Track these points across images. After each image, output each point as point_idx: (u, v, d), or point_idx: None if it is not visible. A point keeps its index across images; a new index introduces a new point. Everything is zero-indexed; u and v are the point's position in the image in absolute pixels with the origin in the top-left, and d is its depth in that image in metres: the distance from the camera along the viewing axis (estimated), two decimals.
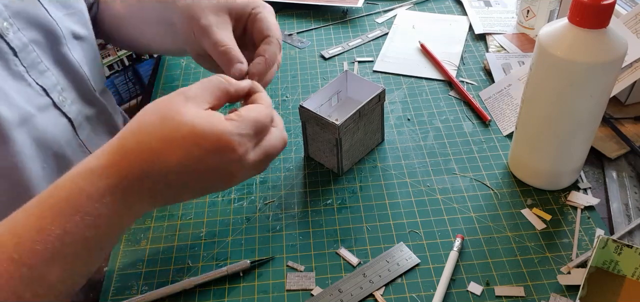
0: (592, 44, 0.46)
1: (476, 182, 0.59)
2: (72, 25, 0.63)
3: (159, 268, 0.52)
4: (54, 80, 0.58)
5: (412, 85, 0.74)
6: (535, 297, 0.48)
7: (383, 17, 0.89)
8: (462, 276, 0.50)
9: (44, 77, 0.57)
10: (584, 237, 0.52)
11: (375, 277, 0.50)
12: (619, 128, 0.63)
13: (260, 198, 0.59)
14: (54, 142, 0.56)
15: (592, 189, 0.57)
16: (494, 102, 0.69)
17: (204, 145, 0.42)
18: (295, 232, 0.55)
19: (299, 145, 0.65)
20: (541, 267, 0.50)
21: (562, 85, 0.49)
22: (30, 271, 0.38)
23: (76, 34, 0.64)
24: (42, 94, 0.56)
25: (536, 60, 0.50)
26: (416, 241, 0.53)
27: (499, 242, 0.52)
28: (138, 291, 0.50)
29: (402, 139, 0.65)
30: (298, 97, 0.73)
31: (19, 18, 0.55)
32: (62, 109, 0.58)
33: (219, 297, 0.50)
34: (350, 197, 0.58)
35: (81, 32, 0.65)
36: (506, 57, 0.76)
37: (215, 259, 0.53)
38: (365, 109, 0.58)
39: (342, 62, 0.79)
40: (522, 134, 0.56)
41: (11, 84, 0.53)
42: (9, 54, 0.53)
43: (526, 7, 0.80)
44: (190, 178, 0.43)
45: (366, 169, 0.61)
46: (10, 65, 0.53)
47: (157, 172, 0.42)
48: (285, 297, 0.49)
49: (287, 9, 0.93)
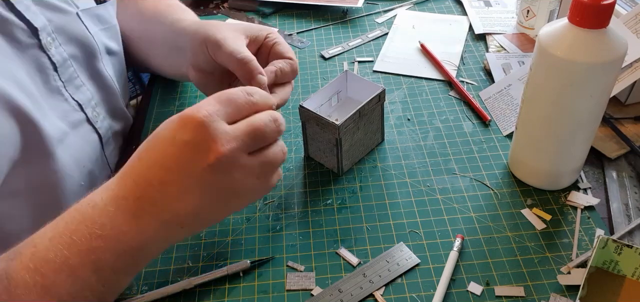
0: (592, 44, 0.46)
1: (476, 182, 0.59)
2: (106, 41, 0.64)
3: (159, 268, 0.52)
4: (89, 95, 0.59)
5: (412, 85, 0.74)
6: (535, 297, 0.48)
7: (383, 17, 0.89)
8: (462, 276, 0.50)
9: (79, 92, 0.57)
10: (584, 237, 0.52)
11: (375, 277, 0.50)
12: (619, 128, 0.63)
13: (260, 198, 0.59)
14: (87, 159, 0.57)
15: (592, 189, 0.57)
16: (494, 102, 0.69)
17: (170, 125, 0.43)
18: (295, 232, 0.55)
19: (299, 146, 0.65)
20: (541, 267, 0.50)
21: (562, 85, 0.49)
22: (42, 278, 0.39)
23: (109, 49, 0.65)
24: (77, 109, 0.57)
25: (536, 60, 0.50)
26: (416, 241, 0.53)
27: (499, 242, 0.52)
28: (138, 291, 0.50)
29: (402, 139, 0.65)
30: (298, 97, 0.73)
31: (61, 33, 0.55)
32: (94, 124, 0.59)
33: (219, 297, 0.50)
34: (350, 197, 0.58)
35: (114, 47, 0.66)
36: (506, 57, 0.76)
37: (215, 259, 0.53)
38: (365, 109, 0.58)
39: (342, 62, 0.79)
40: (522, 134, 0.56)
41: (49, 99, 0.53)
42: (49, 69, 0.53)
43: (526, 7, 0.80)
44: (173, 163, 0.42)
45: (366, 169, 0.61)
46: (49, 80, 0.53)
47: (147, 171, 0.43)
48: (285, 297, 0.49)
49: (287, 9, 0.93)
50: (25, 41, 0.51)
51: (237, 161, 0.43)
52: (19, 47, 0.51)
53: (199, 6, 0.96)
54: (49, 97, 0.53)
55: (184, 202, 0.43)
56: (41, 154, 0.50)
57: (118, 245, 0.41)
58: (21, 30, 0.51)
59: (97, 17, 0.62)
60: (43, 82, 0.53)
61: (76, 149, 0.56)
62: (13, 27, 0.50)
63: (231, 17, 0.92)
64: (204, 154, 0.42)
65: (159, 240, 0.44)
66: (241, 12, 0.93)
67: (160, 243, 0.44)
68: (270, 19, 0.91)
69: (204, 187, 0.43)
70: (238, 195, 0.45)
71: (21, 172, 0.48)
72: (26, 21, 0.51)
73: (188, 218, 0.44)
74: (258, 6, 0.93)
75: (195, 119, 0.42)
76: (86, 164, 0.57)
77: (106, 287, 0.42)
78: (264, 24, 0.89)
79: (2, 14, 0.49)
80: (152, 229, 0.42)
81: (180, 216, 0.43)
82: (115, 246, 0.41)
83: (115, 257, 0.41)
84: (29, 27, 0.52)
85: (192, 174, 0.42)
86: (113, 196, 0.42)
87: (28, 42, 0.52)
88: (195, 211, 0.44)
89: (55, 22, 0.55)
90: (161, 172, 0.42)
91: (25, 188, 0.49)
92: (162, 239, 0.44)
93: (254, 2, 0.94)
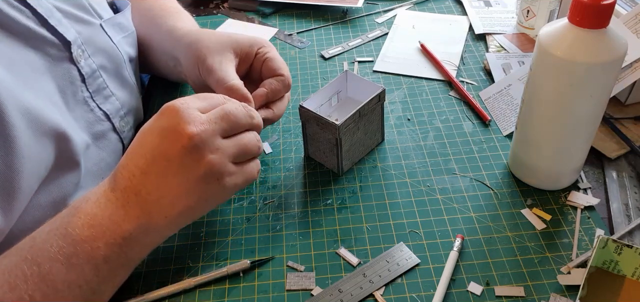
0: (592, 44, 0.46)
1: (476, 182, 0.59)
2: (128, 48, 0.64)
3: (159, 268, 0.52)
4: (118, 105, 0.59)
5: (412, 85, 0.74)
6: (535, 297, 0.48)
7: (383, 17, 0.89)
8: (462, 276, 0.50)
9: (108, 102, 0.58)
10: (584, 237, 0.52)
11: (375, 277, 0.50)
12: (619, 128, 0.63)
13: (260, 198, 0.59)
14: (108, 168, 0.57)
15: (592, 189, 0.57)
16: (494, 102, 0.69)
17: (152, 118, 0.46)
18: (295, 232, 0.55)
19: (299, 145, 0.65)
20: (541, 267, 0.50)
21: (562, 85, 0.49)
22: (38, 268, 0.41)
23: (131, 56, 0.65)
24: (104, 119, 0.57)
25: (536, 60, 0.50)
26: (416, 241, 0.53)
27: (499, 242, 0.52)
28: (138, 291, 0.50)
29: (402, 139, 0.65)
30: (298, 97, 0.73)
31: (89, 44, 0.56)
32: (121, 134, 0.60)
33: (219, 297, 0.50)
34: (350, 197, 0.58)
35: (133, 53, 0.66)
36: (506, 57, 0.76)
37: (215, 259, 0.53)
38: (365, 109, 0.58)
39: (342, 62, 0.79)
40: (522, 134, 0.56)
41: (75, 111, 0.53)
42: (77, 80, 0.54)
43: (526, 7, 0.80)
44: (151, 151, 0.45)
45: (366, 169, 0.61)
46: (77, 91, 0.54)
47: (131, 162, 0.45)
48: (285, 297, 0.49)
49: (287, 9, 0.93)
50: (57, 55, 0.51)
51: (211, 143, 0.45)
52: (50, 62, 0.51)
53: (198, 6, 0.96)
54: (75, 109, 0.53)
55: (163, 189, 0.44)
56: (69, 168, 0.51)
57: (109, 235, 0.43)
58: (53, 45, 0.51)
59: (119, 26, 0.63)
60: (72, 94, 0.53)
61: (99, 158, 0.56)
62: (45, 42, 0.50)
63: (231, 17, 0.92)
64: (178, 136, 0.44)
65: (147, 231, 0.45)
66: (241, 12, 0.93)
67: (149, 235, 0.45)
68: (270, 19, 0.91)
69: (181, 172, 0.44)
70: (217, 181, 0.46)
71: (48, 188, 0.49)
72: (59, 35, 0.52)
73: (170, 208, 0.45)
74: (258, 6, 0.93)
75: (170, 106, 0.45)
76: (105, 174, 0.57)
77: (100, 278, 0.43)
78: (264, 24, 0.89)
79: (35, 30, 0.49)
80: (137, 218, 0.44)
81: (162, 205, 0.45)
82: (106, 235, 0.43)
83: (106, 247, 0.43)
84: (61, 41, 0.52)
85: (168, 159, 0.44)
86: (104, 190, 0.45)
87: (59, 55, 0.52)
88: (175, 200, 0.45)
89: (83, 34, 0.55)
90: (142, 161, 0.45)
91: (49, 202, 0.49)
92: (150, 230, 0.45)
93: (254, 2, 0.94)
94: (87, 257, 0.42)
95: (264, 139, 0.66)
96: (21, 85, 0.46)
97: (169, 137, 0.44)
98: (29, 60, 0.49)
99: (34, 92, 0.47)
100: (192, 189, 0.45)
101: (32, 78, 0.48)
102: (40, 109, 0.47)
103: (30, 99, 0.46)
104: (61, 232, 0.42)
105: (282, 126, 0.68)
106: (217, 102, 0.48)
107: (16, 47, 0.48)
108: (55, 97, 0.51)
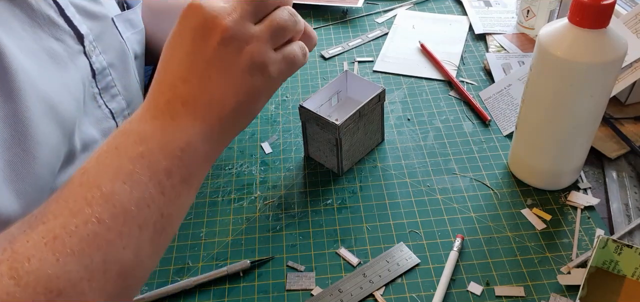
0: (592, 44, 0.46)
1: (476, 182, 0.59)
2: (135, 46, 0.63)
3: (159, 268, 0.52)
4: (124, 104, 0.58)
5: (412, 85, 0.74)
6: (535, 297, 0.48)
7: (383, 17, 0.89)
8: (462, 276, 0.50)
9: (114, 101, 0.57)
10: (584, 237, 0.52)
11: (375, 277, 0.50)
12: (619, 128, 0.63)
13: (260, 198, 0.59)
14: None
15: (592, 189, 0.57)
16: (494, 102, 0.69)
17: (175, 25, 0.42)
18: (295, 232, 0.55)
19: (299, 146, 0.65)
20: (541, 267, 0.50)
21: (562, 85, 0.49)
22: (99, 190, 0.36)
23: (136, 53, 0.64)
24: (109, 117, 0.56)
25: (536, 60, 0.50)
26: (416, 241, 0.53)
27: (499, 242, 0.52)
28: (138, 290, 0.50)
29: (402, 139, 0.65)
30: (298, 97, 0.73)
31: (100, 41, 0.55)
32: None
33: (219, 297, 0.50)
34: (350, 197, 0.58)
35: (139, 51, 0.65)
36: (506, 57, 0.76)
37: (215, 259, 0.53)
38: (365, 109, 0.58)
39: (342, 62, 0.79)
40: (522, 134, 0.56)
41: (88, 105, 0.53)
42: (90, 75, 0.53)
43: (526, 7, 0.80)
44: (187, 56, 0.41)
45: (366, 169, 0.61)
46: (89, 86, 0.53)
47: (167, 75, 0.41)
48: (285, 297, 0.49)
49: None
50: (75, 48, 0.51)
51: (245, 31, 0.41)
52: (71, 53, 0.50)
53: None
54: (88, 103, 0.53)
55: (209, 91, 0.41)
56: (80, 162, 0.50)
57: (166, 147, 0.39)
58: (70, 37, 0.51)
59: (129, 22, 0.62)
60: (87, 88, 0.52)
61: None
62: (64, 33, 0.50)
63: None
64: (210, 33, 0.41)
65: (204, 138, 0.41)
66: None
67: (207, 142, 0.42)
68: None
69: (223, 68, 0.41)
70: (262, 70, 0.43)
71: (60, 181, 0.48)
72: (74, 27, 0.51)
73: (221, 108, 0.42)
74: None
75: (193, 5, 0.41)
76: None
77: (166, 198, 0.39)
78: None
79: (55, 20, 0.49)
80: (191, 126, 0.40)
81: (212, 107, 0.41)
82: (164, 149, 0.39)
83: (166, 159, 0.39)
84: (76, 34, 0.51)
85: (207, 59, 0.41)
86: (143, 111, 0.41)
87: (76, 48, 0.51)
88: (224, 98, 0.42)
89: (94, 30, 0.55)
90: (180, 70, 0.41)
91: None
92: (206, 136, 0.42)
93: None
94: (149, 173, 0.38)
95: (264, 139, 0.66)
96: (41, 73, 0.45)
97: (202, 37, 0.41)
98: (50, 50, 0.48)
99: (53, 82, 0.47)
100: (239, 83, 0.42)
101: (52, 68, 0.48)
102: (58, 100, 0.46)
103: (48, 88, 0.45)
104: (113, 155, 0.38)
105: (282, 126, 0.68)
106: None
107: (39, 34, 0.47)
108: (73, 89, 0.50)
